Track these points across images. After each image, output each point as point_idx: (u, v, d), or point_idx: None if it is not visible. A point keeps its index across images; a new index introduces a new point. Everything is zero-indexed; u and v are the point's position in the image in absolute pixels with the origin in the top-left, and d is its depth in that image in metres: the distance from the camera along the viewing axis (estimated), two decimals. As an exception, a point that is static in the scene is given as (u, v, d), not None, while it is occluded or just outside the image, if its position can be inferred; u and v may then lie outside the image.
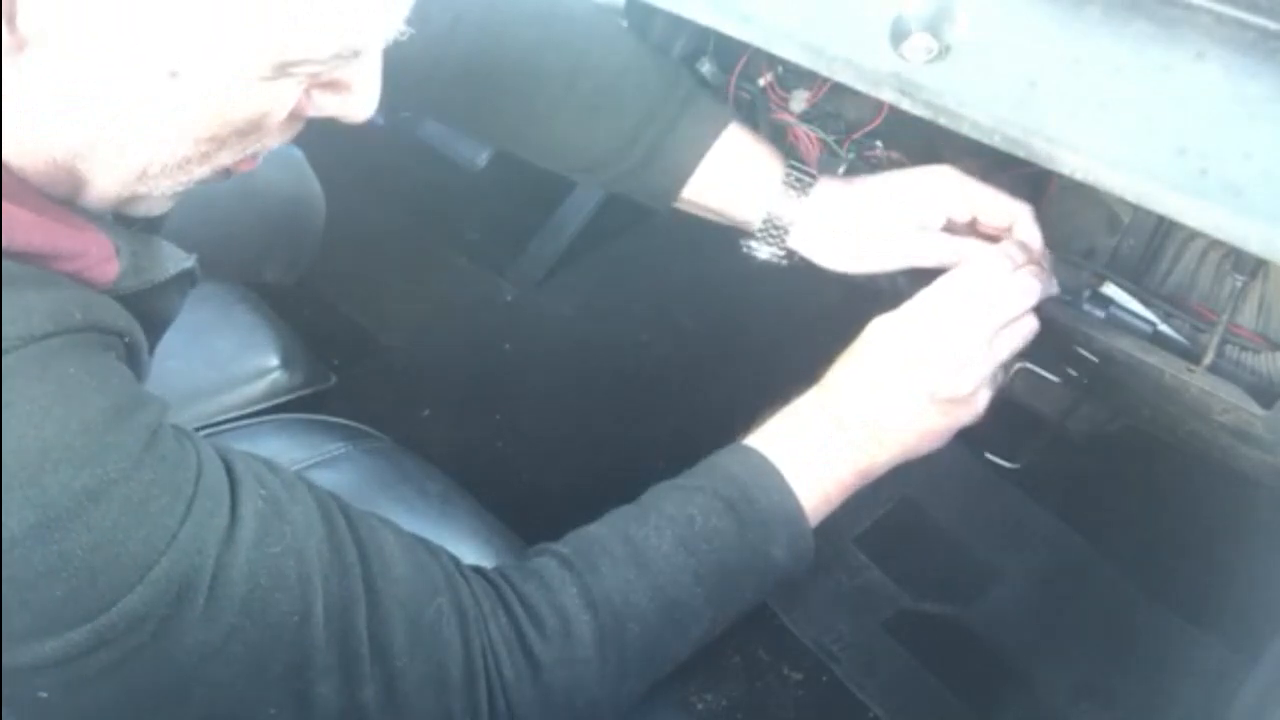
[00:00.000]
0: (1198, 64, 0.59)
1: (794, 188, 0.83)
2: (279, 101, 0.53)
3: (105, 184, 0.53)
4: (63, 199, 0.53)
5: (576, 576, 0.65)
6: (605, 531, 0.69)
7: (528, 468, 1.44)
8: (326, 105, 0.56)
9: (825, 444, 0.73)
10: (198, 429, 0.99)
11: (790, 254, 0.85)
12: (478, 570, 0.65)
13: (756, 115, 0.93)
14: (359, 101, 0.56)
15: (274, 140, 0.57)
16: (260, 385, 1.06)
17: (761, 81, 0.91)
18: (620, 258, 1.70)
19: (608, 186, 0.91)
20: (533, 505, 0.78)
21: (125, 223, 0.60)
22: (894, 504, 1.44)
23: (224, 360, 1.07)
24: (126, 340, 0.54)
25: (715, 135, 0.84)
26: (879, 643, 1.32)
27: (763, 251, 0.86)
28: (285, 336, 1.11)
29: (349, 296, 1.65)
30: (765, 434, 0.74)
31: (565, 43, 0.85)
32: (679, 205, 0.88)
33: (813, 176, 0.84)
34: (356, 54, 0.53)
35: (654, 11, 0.83)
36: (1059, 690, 1.26)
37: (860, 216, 0.82)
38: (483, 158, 1.05)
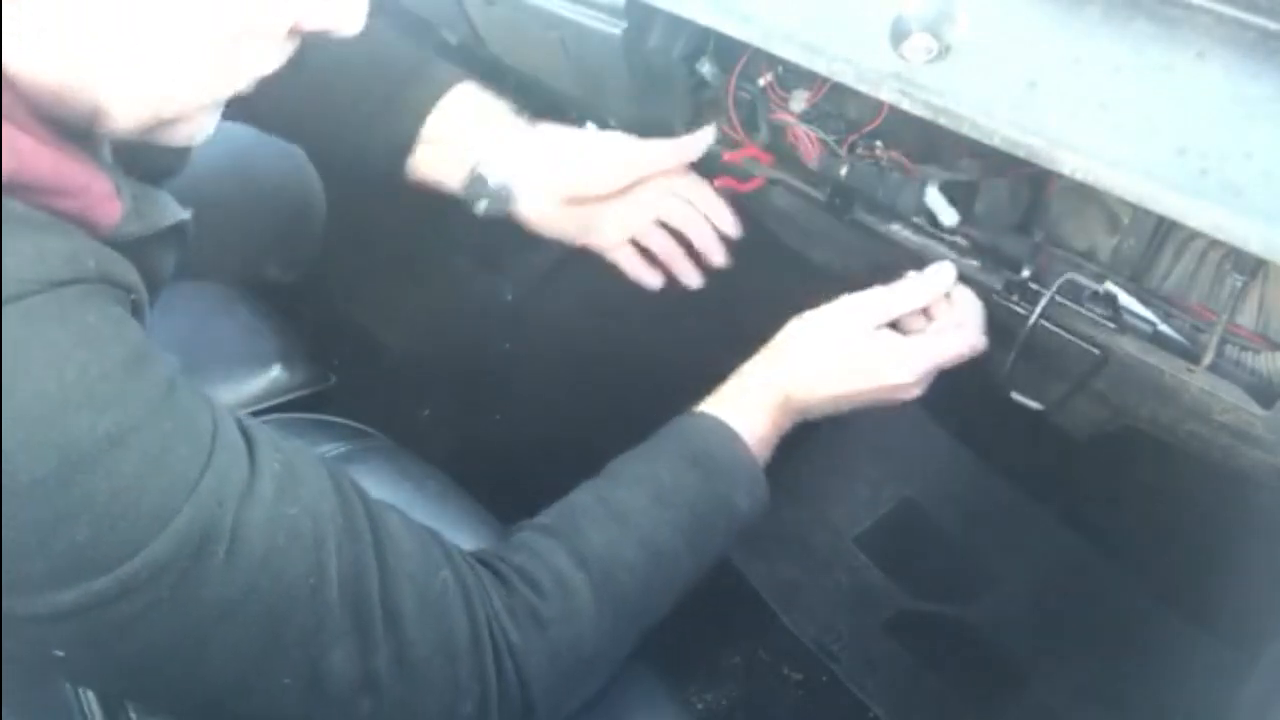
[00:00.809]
0: (1198, 64, 0.59)
1: (520, 124, 0.91)
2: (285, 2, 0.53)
3: (130, 103, 0.51)
4: (79, 128, 0.52)
5: (563, 540, 0.68)
6: (581, 498, 0.72)
7: (528, 468, 1.43)
8: (319, 15, 0.56)
9: (770, 405, 0.79)
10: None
11: (510, 192, 0.92)
12: (470, 554, 0.67)
13: (756, 115, 0.94)
14: (345, 9, 0.56)
15: (275, 58, 0.56)
16: (260, 384, 1.06)
17: (761, 81, 0.90)
18: (620, 258, 1.70)
19: (348, 150, 0.93)
20: (532, 505, 0.78)
21: (126, 169, 0.59)
22: (894, 504, 1.44)
23: (223, 359, 1.07)
24: (133, 297, 0.54)
25: (448, 86, 0.90)
26: (879, 643, 1.32)
27: (483, 191, 0.92)
28: (285, 336, 1.11)
29: (349, 296, 1.65)
30: (712, 400, 0.81)
31: None
32: (416, 166, 0.91)
33: (531, 122, 0.91)
34: None
35: (654, 11, 0.83)
36: (1059, 690, 1.26)
37: (580, 139, 0.91)
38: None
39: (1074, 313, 0.80)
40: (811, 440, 1.49)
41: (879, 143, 0.88)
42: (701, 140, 0.90)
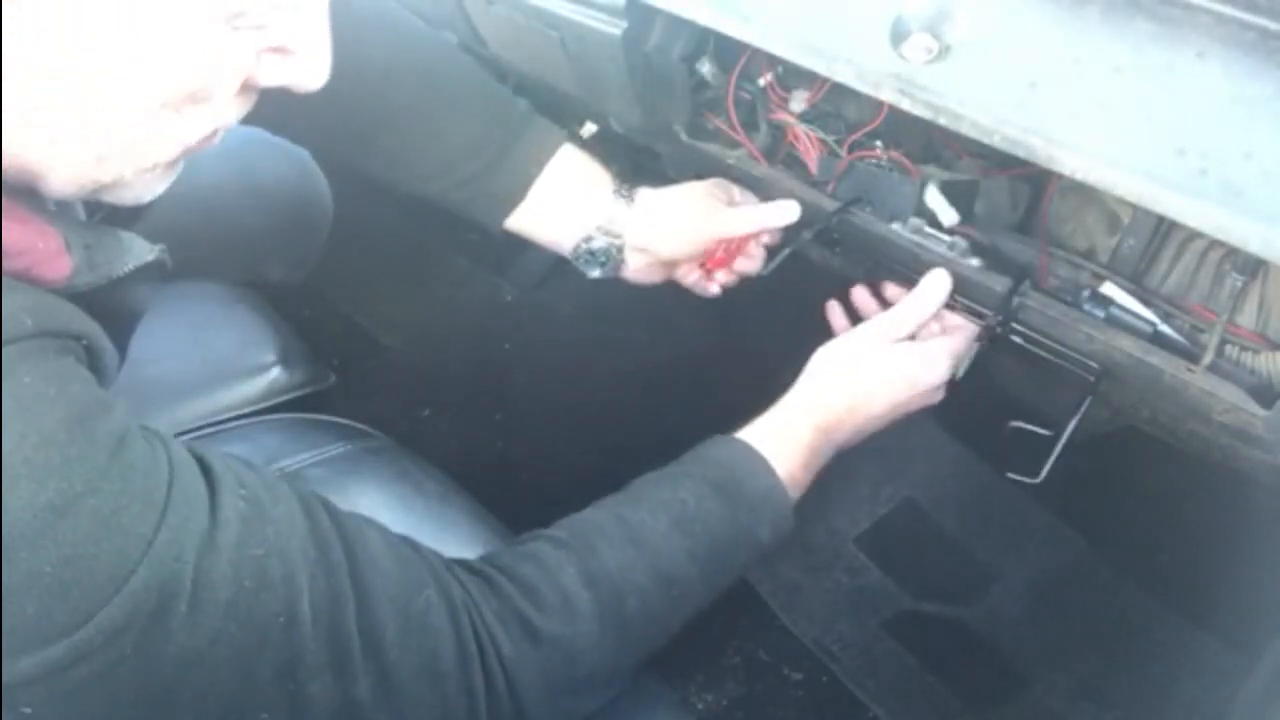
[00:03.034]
0: (1198, 64, 0.59)
1: (623, 196, 0.94)
2: (231, 60, 0.51)
3: (63, 172, 0.50)
4: (20, 189, 0.50)
5: (574, 557, 0.67)
6: (599, 515, 0.71)
7: (528, 468, 1.44)
8: (279, 73, 0.55)
9: (807, 440, 0.79)
10: (196, 428, 1.00)
11: (620, 262, 0.97)
12: (465, 562, 0.67)
13: (756, 115, 0.93)
14: (306, 67, 0.55)
15: (230, 113, 0.55)
16: (259, 383, 1.06)
17: (761, 81, 0.90)
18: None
19: (447, 195, 0.94)
20: (533, 505, 0.78)
21: (90, 211, 0.58)
22: (894, 504, 1.44)
23: (223, 358, 1.06)
24: (85, 343, 0.52)
25: (556, 147, 0.93)
26: (879, 643, 1.32)
27: (595, 262, 0.96)
28: (285, 335, 1.11)
29: (349, 296, 1.65)
30: (751, 428, 0.79)
31: (417, 63, 0.92)
32: (512, 219, 0.94)
33: (633, 187, 0.95)
34: (295, 6, 0.52)
35: (654, 11, 0.83)
36: (1059, 690, 1.26)
37: (681, 207, 0.94)
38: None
39: (1072, 321, 0.80)
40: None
41: (879, 143, 0.88)
42: (786, 211, 0.91)
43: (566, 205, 0.94)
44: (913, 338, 0.85)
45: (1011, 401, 1.15)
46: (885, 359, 0.82)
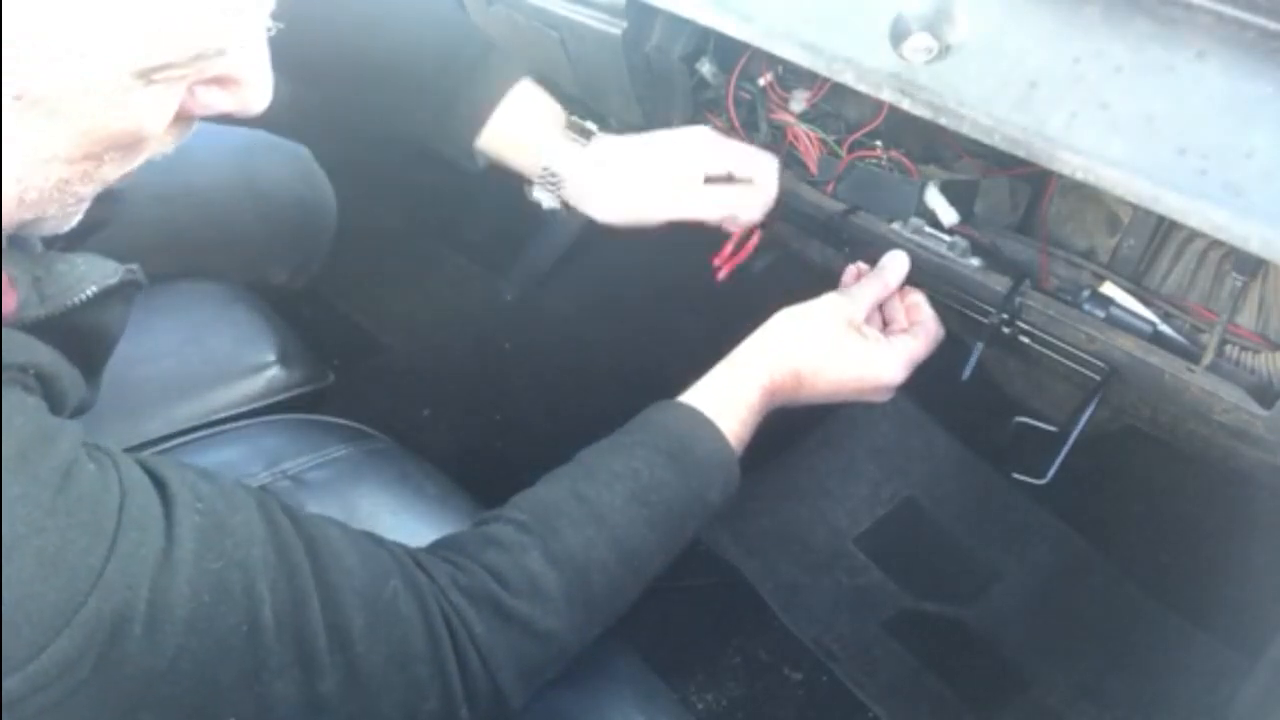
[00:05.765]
0: (1198, 64, 0.59)
1: (574, 139, 0.88)
2: (153, 109, 0.50)
3: None
4: None
5: (537, 539, 0.67)
6: (556, 492, 0.71)
7: (528, 468, 1.43)
8: (217, 102, 0.54)
9: (752, 401, 0.78)
10: (196, 428, 1.00)
11: (567, 203, 0.90)
12: (428, 549, 0.67)
13: (756, 115, 0.94)
14: (252, 94, 0.54)
15: (163, 146, 0.54)
16: (258, 382, 1.06)
17: (761, 81, 0.91)
18: (620, 257, 1.70)
19: (410, 139, 0.92)
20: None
21: (48, 242, 0.57)
22: (894, 504, 1.44)
23: (221, 357, 1.06)
24: (33, 372, 0.52)
25: (508, 86, 0.88)
26: (879, 643, 1.32)
27: (543, 199, 0.91)
28: (283, 334, 1.11)
29: (349, 296, 1.65)
30: (697, 390, 0.79)
31: (361, 9, 0.89)
32: (481, 140, 0.90)
33: (591, 130, 0.88)
34: (221, 52, 0.51)
35: (654, 11, 0.83)
36: (1059, 690, 1.26)
37: (630, 170, 0.87)
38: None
39: (1072, 321, 0.80)
40: (811, 440, 1.49)
41: (879, 142, 0.88)
42: (762, 194, 0.88)
43: (517, 140, 0.89)
44: (886, 324, 0.85)
45: (1011, 401, 1.15)
46: (844, 344, 0.80)
